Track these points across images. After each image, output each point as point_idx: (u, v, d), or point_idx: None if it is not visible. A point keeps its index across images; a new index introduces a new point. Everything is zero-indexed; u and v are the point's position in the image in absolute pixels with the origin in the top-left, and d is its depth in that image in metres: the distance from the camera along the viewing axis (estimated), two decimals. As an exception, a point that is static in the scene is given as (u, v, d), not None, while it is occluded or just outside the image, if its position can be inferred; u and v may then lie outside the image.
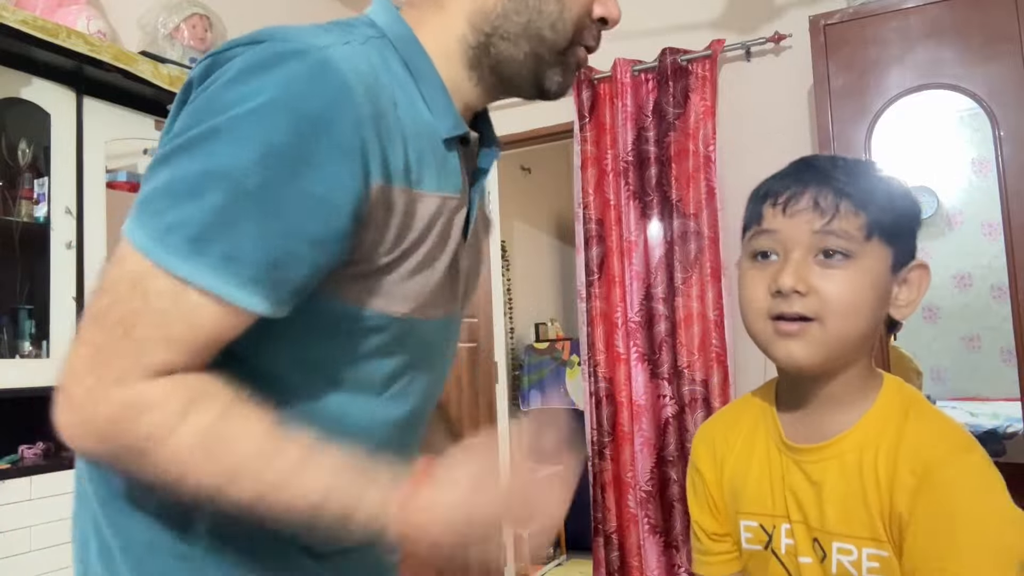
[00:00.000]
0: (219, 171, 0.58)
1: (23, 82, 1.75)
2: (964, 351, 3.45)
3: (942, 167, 3.26)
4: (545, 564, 4.09)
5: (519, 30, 0.74)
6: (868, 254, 0.76)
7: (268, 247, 0.59)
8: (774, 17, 2.83)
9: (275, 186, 0.59)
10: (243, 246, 0.58)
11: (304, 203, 0.60)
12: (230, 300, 0.59)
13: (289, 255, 0.60)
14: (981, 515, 0.71)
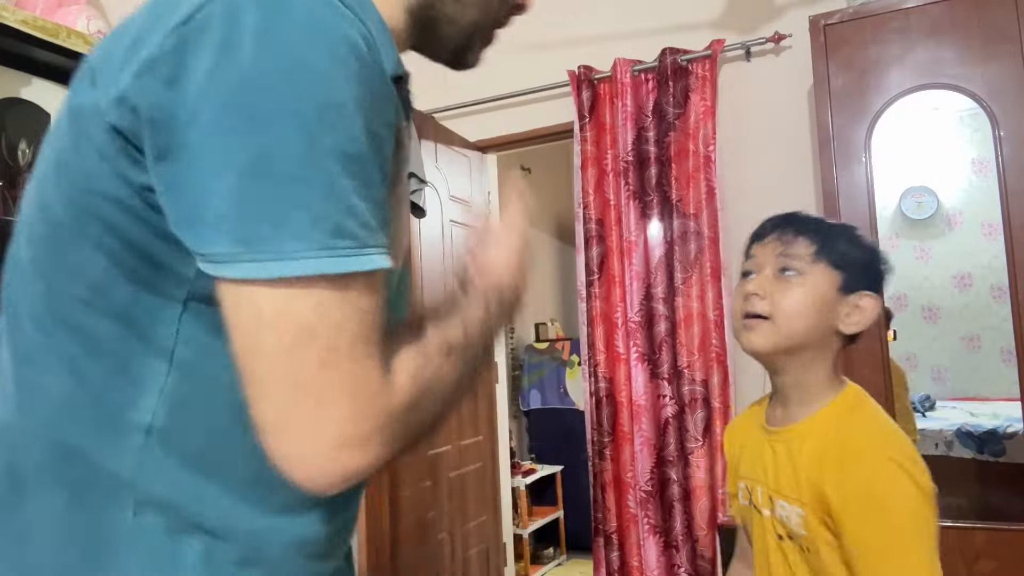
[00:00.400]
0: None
1: (23, 82, 1.75)
2: (964, 351, 3.45)
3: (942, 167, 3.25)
4: (545, 564, 4.09)
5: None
6: (815, 274, 1.04)
7: (356, 199, 0.54)
8: (774, 17, 2.84)
9: (349, 135, 0.54)
10: (334, 211, 0.53)
11: (373, 142, 0.57)
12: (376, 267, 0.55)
13: (378, 198, 0.57)
14: (901, 504, 0.92)
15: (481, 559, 3.15)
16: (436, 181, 2.99)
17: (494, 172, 3.51)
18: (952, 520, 2.15)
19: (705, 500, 2.71)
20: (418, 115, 2.87)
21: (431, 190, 2.91)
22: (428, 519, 2.82)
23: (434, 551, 2.83)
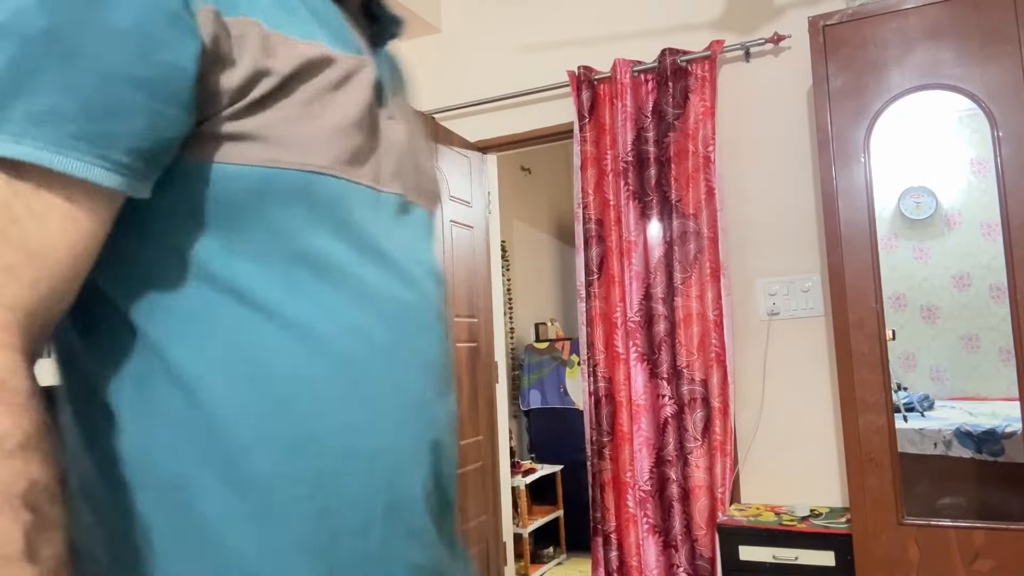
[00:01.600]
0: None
1: (24, 83, 1.76)
2: (963, 351, 3.46)
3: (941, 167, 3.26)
4: (545, 563, 4.10)
5: None
6: None
7: (80, 93, 0.47)
8: (773, 18, 2.84)
9: (68, 24, 0.47)
10: (51, 98, 0.46)
11: (110, 39, 0.48)
12: (57, 168, 0.46)
13: (111, 100, 0.48)
14: None
15: (481, 558, 3.16)
16: (436, 181, 3.00)
17: (494, 172, 3.52)
18: (951, 520, 2.16)
19: (704, 500, 2.71)
20: (418, 115, 2.87)
21: (431, 190, 2.92)
22: (428, 518, 2.82)
23: (434, 550, 2.84)
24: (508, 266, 4.51)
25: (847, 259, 2.26)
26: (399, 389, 0.60)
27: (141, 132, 0.49)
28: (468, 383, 3.20)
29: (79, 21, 0.47)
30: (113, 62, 0.48)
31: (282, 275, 0.55)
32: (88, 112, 0.47)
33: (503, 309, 3.69)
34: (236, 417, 0.54)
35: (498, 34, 3.34)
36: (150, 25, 0.49)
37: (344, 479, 0.56)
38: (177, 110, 0.51)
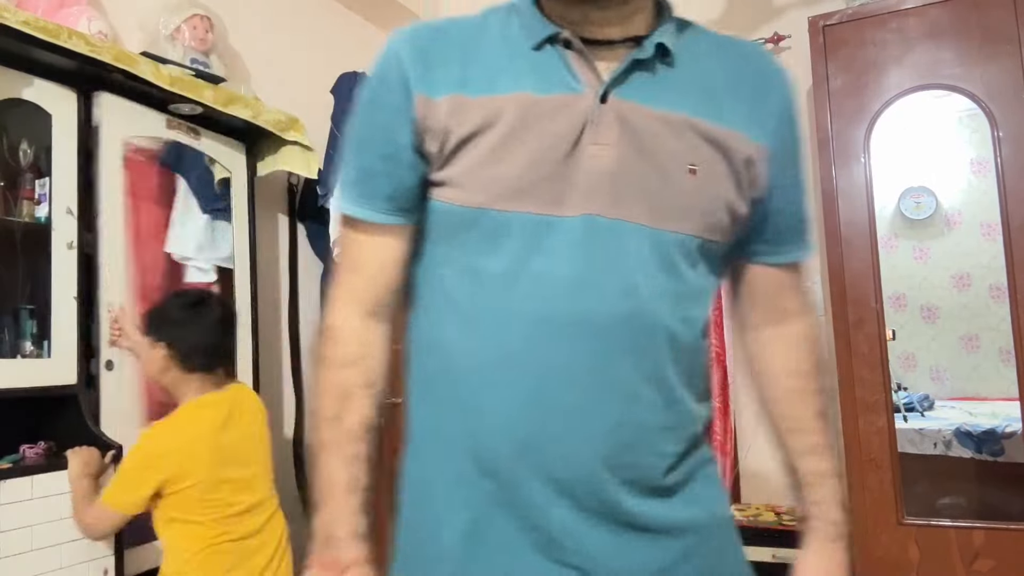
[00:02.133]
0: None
1: (24, 83, 1.75)
2: (963, 351, 3.46)
3: (941, 167, 3.26)
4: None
5: None
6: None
7: (360, 168, 0.85)
8: (773, 18, 2.84)
9: (361, 127, 0.85)
10: (346, 175, 0.87)
11: (375, 132, 0.83)
12: (352, 215, 0.85)
13: (372, 170, 0.83)
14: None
15: (481, 558, 3.16)
16: (436, 181, 2.99)
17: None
18: (951, 519, 2.16)
19: (704, 500, 2.71)
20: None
21: (431, 190, 2.92)
22: (428, 518, 2.82)
23: (434, 550, 2.84)
24: (508, 266, 4.50)
25: (847, 259, 2.26)
26: (513, 385, 0.77)
27: (387, 186, 0.82)
28: (468, 383, 3.20)
29: (366, 124, 0.85)
30: (375, 147, 0.83)
31: (458, 280, 0.81)
32: (361, 179, 0.84)
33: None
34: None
35: None
36: (392, 118, 0.81)
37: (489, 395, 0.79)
38: (405, 169, 0.82)
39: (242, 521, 1.71)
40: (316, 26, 3.02)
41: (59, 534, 1.63)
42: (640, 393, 0.77)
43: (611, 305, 0.76)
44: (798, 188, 0.89)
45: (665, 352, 0.79)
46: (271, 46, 2.75)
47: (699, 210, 0.79)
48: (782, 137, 0.85)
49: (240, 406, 1.80)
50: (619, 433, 0.77)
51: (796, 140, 0.89)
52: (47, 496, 1.62)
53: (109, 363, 1.84)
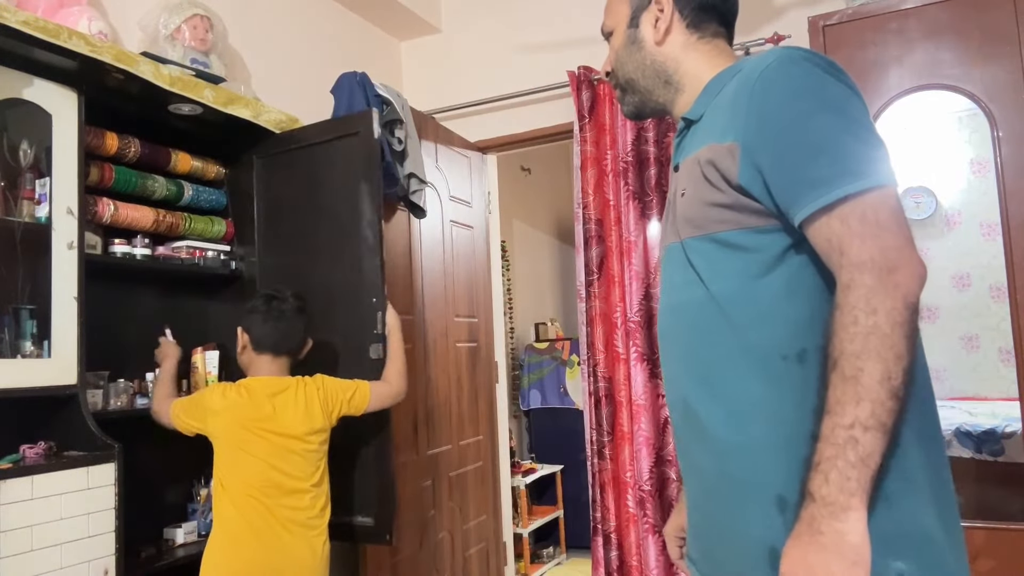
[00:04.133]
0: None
1: (25, 83, 1.76)
2: (963, 351, 3.46)
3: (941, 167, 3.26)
4: (545, 563, 4.10)
5: None
6: None
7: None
8: (773, 18, 2.84)
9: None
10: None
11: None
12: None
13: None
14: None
15: (481, 558, 3.16)
16: (436, 181, 3.00)
17: (494, 172, 3.52)
18: (950, 519, 2.16)
19: (704, 499, 2.71)
20: (418, 115, 2.87)
21: (431, 190, 2.92)
22: (428, 518, 2.82)
23: (434, 550, 2.84)
24: (508, 266, 4.51)
25: (847, 259, 2.25)
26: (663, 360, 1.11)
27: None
28: (468, 383, 3.20)
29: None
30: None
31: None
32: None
33: (503, 309, 3.69)
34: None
35: (498, 34, 3.34)
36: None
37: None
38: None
39: (269, 496, 1.83)
40: (316, 26, 3.02)
41: (59, 534, 1.64)
42: None
43: (665, 299, 1.08)
44: (782, 161, 0.88)
45: (689, 326, 1.02)
46: (271, 46, 2.75)
47: (685, 218, 1.00)
48: (752, 128, 0.91)
49: (291, 395, 1.93)
50: None
51: (767, 125, 0.90)
52: (47, 496, 1.62)
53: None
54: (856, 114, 0.89)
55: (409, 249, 2.84)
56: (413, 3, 3.30)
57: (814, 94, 0.89)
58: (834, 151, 0.86)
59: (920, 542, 0.83)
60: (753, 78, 0.93)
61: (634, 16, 1.12)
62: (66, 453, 1.76)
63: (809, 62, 0.92)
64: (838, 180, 0.84)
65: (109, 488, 1.74)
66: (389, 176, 2.54)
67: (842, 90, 0.91)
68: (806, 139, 0.87)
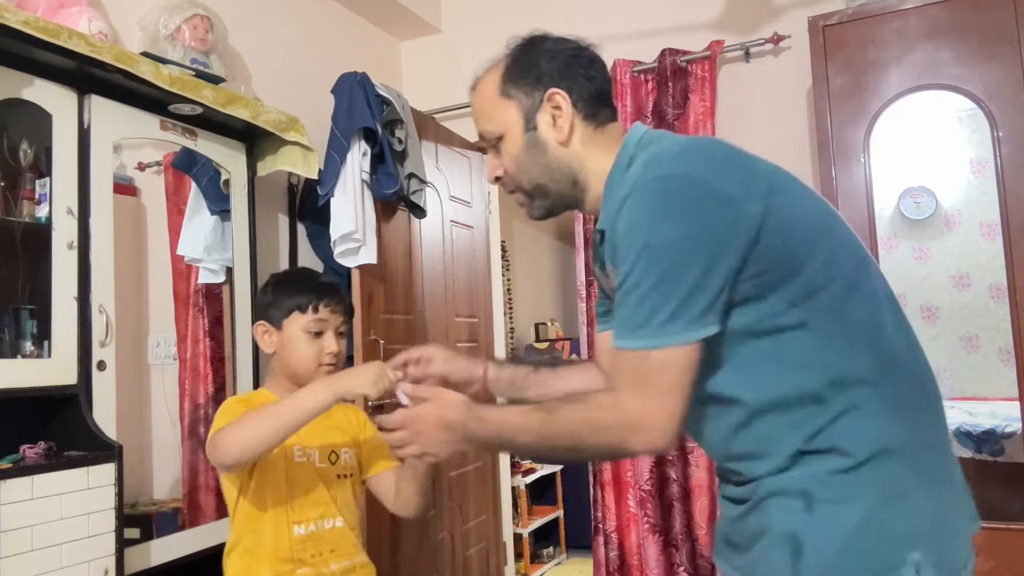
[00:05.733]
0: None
1: (25, 83, 1.75)
2: (963, 351, 3.45)
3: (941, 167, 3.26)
4: (545, 563, 4.10)
5: None
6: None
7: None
8: (773, 18, 2.84)
9: None
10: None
11: None
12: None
13: None
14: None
15: (481, 558, 3.16)
16: (436, 181, 3.00)
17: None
18: (950, 519, 2.16)
19: (705, 499, 2.71)
20: (418, 115, 2.87)
21: (431, 190, 2.92)
22: (428, 519, 2.82)
23: (434, 551, 2.84)
24: (508, 266, 4.51)
25: (847, 259, 2.26)
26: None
27: None
28: (468, 383, 3.19)
29: None
30: None
31: None
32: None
33: (503, 309, 3.69)
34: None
35: (498, 34, 3.32)
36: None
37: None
38: None
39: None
40: (316, 26, 3.02)
41: (59, 534, 1.63)
42: None
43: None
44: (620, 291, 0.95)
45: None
46: (271, 46, 2.75)
47: None
48: (615, 250, 0.97)
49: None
50: None
51: (622, 245, 0.94)
52: (47, 496, 1.62)
53: (101, 363, 1.84)
54: (681, 260, 0.89)
55: (409, 249, 2.84)
56: (413, 3, 3.30)
57: (643, 236, 0.91)
58: (634, 302, 0.92)
59: (935, 533, 0.92)
60: (617, 204, 0.97)
61: (528, 118, 1.07)
62: (66, 453, 1.76)
63: (653, 195, 0.92)
64: (624, 330, 0.93)
65: (109, 488, 1.74)
66: (389, 176, 2.54)
67: (681, 224, 0.90)
68: (625, 283, 0.93)
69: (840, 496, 0.90)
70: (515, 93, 1.08)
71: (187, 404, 2.27)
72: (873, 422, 0.92)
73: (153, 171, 2.25)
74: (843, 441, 0.91)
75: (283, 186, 2.74)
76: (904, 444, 0.93)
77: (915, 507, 0.91)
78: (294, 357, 1.47)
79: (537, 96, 1.07)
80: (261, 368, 2.35)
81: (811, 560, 0.90)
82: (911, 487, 0.92)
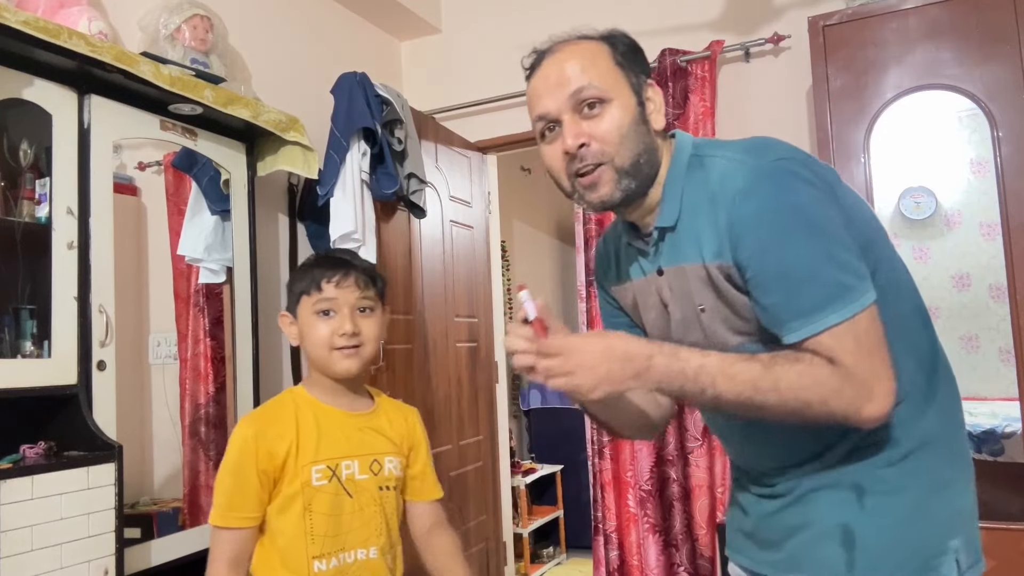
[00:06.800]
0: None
1: (25, 83, 1.75)
2: (963, 351, 3.45)
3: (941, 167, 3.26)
4: (545, 563, 4.10)
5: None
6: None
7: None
8: (773, 18, 2.84)
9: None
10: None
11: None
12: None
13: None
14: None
15: (481, 558, 3.16)
16: (436, 181, 3.00)
17: (494, 172, 3.52)
18: (950, 519, 2.16)
19: (705, 499, 2.71)
20: (418, 115, 2.87)
21: (431, 190, 2.92)
22: (428, 518, 2.82)
23: (434, 550, 2.84)
24: (508, 266, 4.51)
25: (847, 259, 2.26)
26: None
27: None
28: (468, 383, 3.20)
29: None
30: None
31: None
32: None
33: (503, 309, 3.69)
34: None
35: (498, 34, 3.34)
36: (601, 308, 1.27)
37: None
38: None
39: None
40: (316, 26, 3.02)
41: (59, 534, 1.63)
42: None
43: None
44: (768, 290, 0.92)
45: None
46: (271, 46, 2.75)
47: (729, 329, 1.01)
48: (741, 252, 0.93)
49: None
50: None
51: (752, 252, 0.93)
52: (47, 496, 1.62)
53: (101, 363, 1.84)
54: (833, 228, 0.90)
55: (409, 249, 2.84)
56: (413, 3, 3.30)
57: (793, 216, 0.90)
58: (818, 281, 0.89)
59: (966, 520, 0.97)
60: (729, 196, 0.94)
61: (638, 93, 1.03)
62: (66, 453, 1.76)
63: (781, 175, 0.92)
64: (822, 311, 0.88)
65: (109, 488, 1.74)
66: (389, 176, 2.54)
67: (816, 196, 0.91)
68: (790, 269, 0.90)
69: (891, 488, 0.93)
70: (628, 67, 1.04)
71: (187, 404, 2.27)
72: (918, 414, 0.95)
73: (153, 171, 2.26)
74: (892, 434, 0.94)
75: (283, 186, 2.74)
76: (942, 434, 0.97)
77: (957, 495, 0.96)
78: (308, 344, 1.32)
79: (643, 80, 1.04)
80: (261, 368, 2.35)
81: (865, 552, 0.92)
82: (952, 475, 0.96)
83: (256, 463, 1.26)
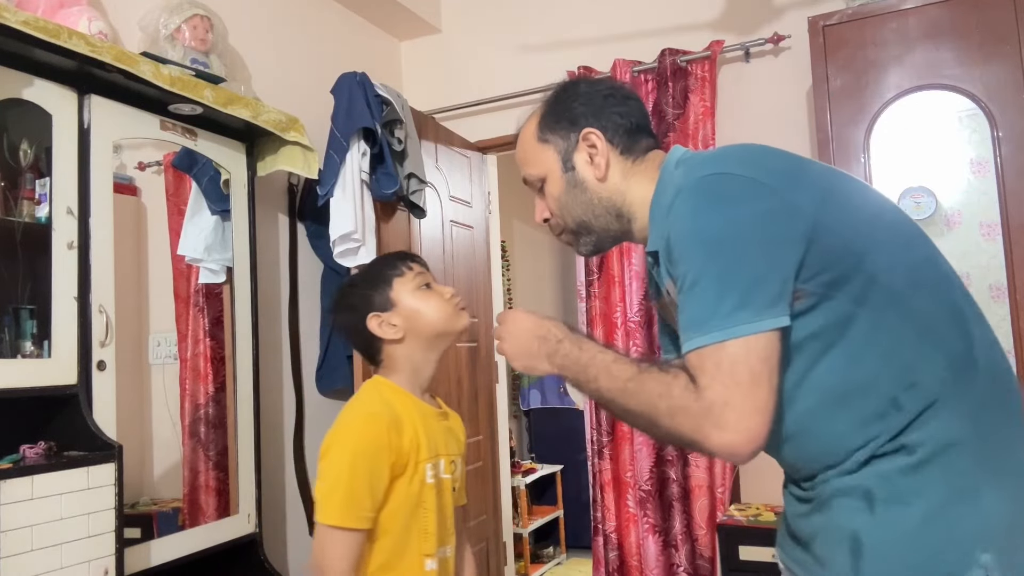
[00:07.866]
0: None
1: (25, 83, 1.75)
2: (963, 351, 3.45)
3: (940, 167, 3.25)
4: (545, 563, 4.10)
5: None
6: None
7: None
8: (773, 18, 2.84)
9: None
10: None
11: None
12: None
13: None
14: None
15: (481, 558, 3.16)
16: (436, 181, 3.00)
17: (494, 172, 3.52)
18: (950, 519, 2.16)
19: (704, 499, 2.71)
20: (418, 115, 2.87)
21: (431, 190, 2.92)
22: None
23: (434, 550, 2.84)
24: (508, 266, 4.51)
25: (847, 259, 2.26)
26: None
27: None
28: (468, 383, 3.20)
29: None
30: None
31: None
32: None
33: (503, 309, 3.69)
34: None
35: (498, 34, 3.34)
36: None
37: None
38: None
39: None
40: (316, 26, 3.02)
41: (59, 534, 1.63)
42: None
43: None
44: (679, 297, 0.94)
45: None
46: (271, 46, 2.75)
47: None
48: (671, 259, 0.96)
49: None
50: None
51: (675, 249, 0.95)
52: (47, 496, 1.62)
53: (101, 363, 1.84)
54: (744, 248, 0.89)
55: (409, 249, 2.84)
56: (413, 3, 3.30)
57: (694, 237, 0.92)
58: (699, 301, 0.90)
59: (1005, 532, 0.87)
60: (666, 214, 0.98)
61: (565, 160, 1.11)
62: (66, 453, 1.76)
63: (697, 194, 0.93)
64: (693, 330, 0.90)
65: (109, 488, 1.74)
66: (388, 176, 2.54)
67: (733, 215, 0.90)
68: (685, 287, 0.92)
69: (902, 496, 0.88)
70: (552, 137, 1.13)
71: (188, 404, 2.27)
72: (941, 417, 0.89)
73: (153, 171, 2.26)
74: (911, 438, 0.88)
75: (283, 186, 2.74)
76: (972, 438, 0.88)
77: (988, 505, 0.87)
78: (427, 315, 1.34)
79: (573, 137, 1.11)
80: (261, 368, 2.35)
81: (870, 562, 0.88)
82: (981, 483, 0.88)
83: (389, 457, 1.23)
